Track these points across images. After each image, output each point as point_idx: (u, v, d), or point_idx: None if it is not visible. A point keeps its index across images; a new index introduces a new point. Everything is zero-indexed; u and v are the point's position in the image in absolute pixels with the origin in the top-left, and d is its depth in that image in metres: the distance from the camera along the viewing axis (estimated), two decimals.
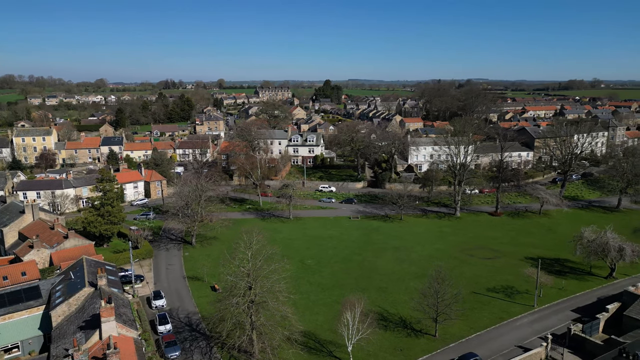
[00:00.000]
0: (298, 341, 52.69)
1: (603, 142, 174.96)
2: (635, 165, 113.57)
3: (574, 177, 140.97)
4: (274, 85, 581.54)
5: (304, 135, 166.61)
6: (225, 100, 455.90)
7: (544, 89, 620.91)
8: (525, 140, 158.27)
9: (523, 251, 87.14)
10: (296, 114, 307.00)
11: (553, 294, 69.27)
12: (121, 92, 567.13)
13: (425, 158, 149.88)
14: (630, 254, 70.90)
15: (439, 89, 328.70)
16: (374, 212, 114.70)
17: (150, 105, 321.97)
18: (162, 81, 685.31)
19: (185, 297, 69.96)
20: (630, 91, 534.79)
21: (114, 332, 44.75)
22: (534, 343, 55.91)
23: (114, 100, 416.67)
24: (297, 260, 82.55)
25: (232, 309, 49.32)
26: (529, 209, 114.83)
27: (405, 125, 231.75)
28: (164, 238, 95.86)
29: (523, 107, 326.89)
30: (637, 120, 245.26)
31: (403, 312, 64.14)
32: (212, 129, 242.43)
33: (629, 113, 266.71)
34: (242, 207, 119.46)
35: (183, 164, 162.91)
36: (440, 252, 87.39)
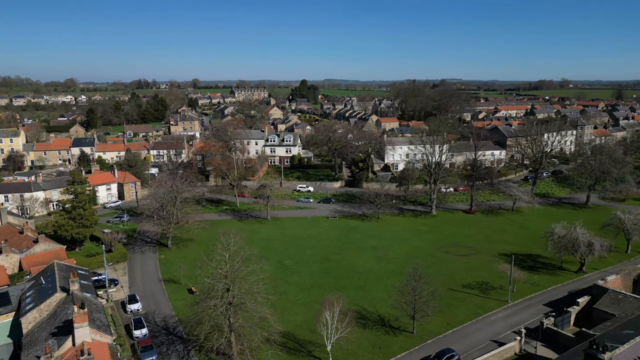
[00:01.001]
0: (277, 342, 52.51)
1: (572, 140, 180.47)
2: (602, 162, 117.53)
3: (544, 175, 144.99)
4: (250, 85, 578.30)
5: (281, 135, 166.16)
6: (200, 100, 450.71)
7: (515, 89, 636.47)
8: (498, 139, 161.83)
9: (497, 248, 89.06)
10: (273, 113, 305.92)
11: (526, 289, 71.03)
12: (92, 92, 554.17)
13: (401, 157, 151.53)
14: (598, 249, 73.28)
15: (414, 89, 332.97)
16: (351, 211, 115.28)
17: (122, 106, 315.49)
18: (135, 81, 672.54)
19: (161, 300, 68.80)
20: (597, 91, 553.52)
21: (87, 337, 43.64)
22: (508, 337, 57.20)
23: (84, 101, 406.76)
24: (276, 260, 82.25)
25: (210, 311, 48.76)
26: (502, 206, 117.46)
27: (382, 125, 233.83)
28: (138, 241, 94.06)
29: (495, 107, 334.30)
30: (604, 119, 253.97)
31: (381, 310, 64.70)
32: (187, 130, 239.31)
33: (596, 112, 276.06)
34: (218, 208, 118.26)
35: (157, 165, 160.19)
36: (417, 249, 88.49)
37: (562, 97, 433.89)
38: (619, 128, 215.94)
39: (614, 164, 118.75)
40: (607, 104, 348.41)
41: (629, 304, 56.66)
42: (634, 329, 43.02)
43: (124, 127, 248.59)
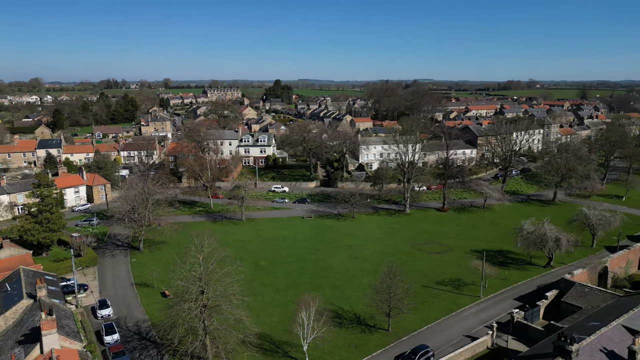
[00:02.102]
0: (253, 344, 52.12)
1: (539, 139, 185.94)
2: (568, 160, 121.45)
3: (513, 173, 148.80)
4: (223, 84, 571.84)
5: (255, 135, 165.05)
6: (172, 100, 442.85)
7: (484, 89, 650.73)
8: (469, 138, 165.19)
9: (469, 244, 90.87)
10: (246, 114, 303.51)
11: (497, 284, 72.75)
12: (58, 92, 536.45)
13: (375, 157, 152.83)
14: (565, 244, 75.70)
15: (387, 89, 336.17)
16: (327, 211, 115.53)
17: (91, 106, 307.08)
18: (104, 80, 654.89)
19: (133, 304, 67.32)
20: (563, 91, 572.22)
21: (56, 345, 42.31)
22: (481, 332, 58.47)
23: (50, 101, 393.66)
24: (251, 262, 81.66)
25: (184, 315, 48.00)
26: (474, 204, 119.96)
27: (356, 124, 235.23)
28: (109, 244, 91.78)
29: (466, 107, 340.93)
30: (569, 118, 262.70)
31: (357, 308, 65.08)
32: (159, 130, 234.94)
33: (562, 111, 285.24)
34: (192, 210, 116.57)
35: (128, 167, 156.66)
36: (391, 248, 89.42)
37: (530, 97, 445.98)
38: (584, 127, 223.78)
39: (579, 161, 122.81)
40: (572, 104, 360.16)
41: (594, 296, 58.78)
42: (599, 321, 44.63)
43: (92, 128, 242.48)
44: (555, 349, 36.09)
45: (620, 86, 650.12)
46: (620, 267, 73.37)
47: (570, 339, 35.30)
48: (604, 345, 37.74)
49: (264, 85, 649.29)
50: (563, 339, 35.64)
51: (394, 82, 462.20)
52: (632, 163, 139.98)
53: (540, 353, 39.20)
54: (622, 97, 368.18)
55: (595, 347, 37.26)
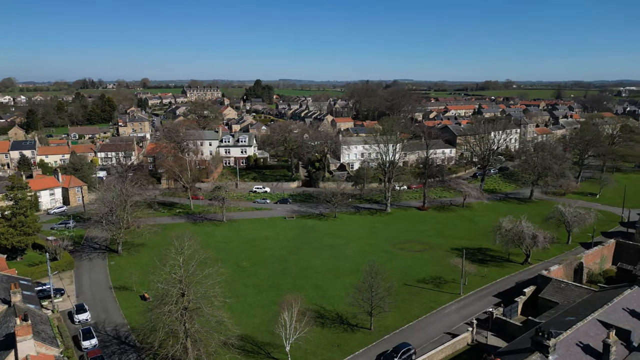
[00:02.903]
0: (235, 345, 51.68)
1: (516, 138, 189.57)
2: (544, 159, 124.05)
3: (492, 172, 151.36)
4: (203, 84, 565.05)
5: (236, 135, 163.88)
6: (151, 101, 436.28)
7: (463, 89, 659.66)
8: (448, 138, 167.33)
9: (449, 242, 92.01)
10: (227, 114, 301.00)
11: (477, 281, 73.85)
12: (32, 92, 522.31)
13: (356, 157, 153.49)
14: (542, 241, 77.31)
15: (367, 90, 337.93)
16: (309, 211, 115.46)
17: (66, 106, 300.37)
18: (80, 80, 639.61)
19: (112, 308, 66.09)
20: (538, 91, 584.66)
21: (31, 351, 41.20)
22: (461, 329, 59.26)
23: (24, 101, 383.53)
24: (232, 263, 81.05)
25: (164, 318, 47.29)
26: (453, 203, 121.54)
27: (337, 125, 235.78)
28: (86, 247, 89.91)
29: (445, 107, 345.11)
30: (545, 118, 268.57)
31: (339, 308, 65.22)
32: (137, 131, 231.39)
33: (537, 111, 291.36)
34: (171, 211, 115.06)
35: (105, 168, 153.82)
36: (373, 247, 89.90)
37: (507, 97, 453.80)
38: (559, 126, 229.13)
39: (555, 160, 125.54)
40: (547, 104, 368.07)
41: (570, 292, 60.18)
42: (575, 316, 45.72)
43: (68, 129, 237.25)
44: (533, 344, 36.81)
45: (594, 86, 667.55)
46: (595, 262, 75.30)
47: (547, 334, 36.02)
48: (580, 339, 38.65)
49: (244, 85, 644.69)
50: (541, 334, 36.35)
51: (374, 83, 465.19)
52: (606, 161, 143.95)
53: (519, 348, 39.92)
54: (595, 97, 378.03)
55: (571, 342, 38.13)
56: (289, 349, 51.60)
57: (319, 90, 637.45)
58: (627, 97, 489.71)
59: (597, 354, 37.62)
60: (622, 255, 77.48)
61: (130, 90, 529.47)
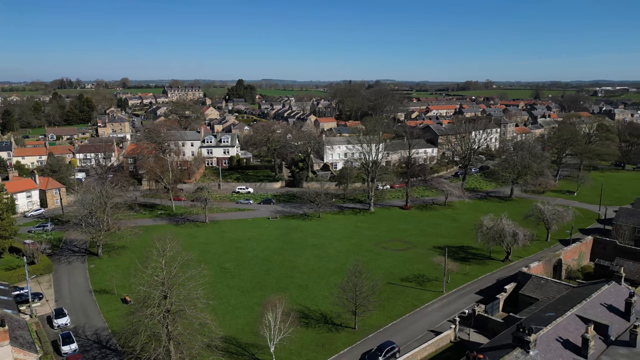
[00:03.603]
0: (219, 347, 51.28)
1: (496, 137, 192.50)
2: (523, 158, 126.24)
3: (473, 171, 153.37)
4: (184, 84, 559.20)
5: (218, 135, 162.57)
6: (131, 101, 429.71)
7: (444, 89, 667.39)
8: (430, 138, 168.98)
9: (431, 241, 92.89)
10: (209, 114, 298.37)
11: (459, 279, 74.72)
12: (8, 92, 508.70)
13: (340, 157, 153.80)
14: (522, 238, 78.60)
15: (350, 90, 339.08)
16: (292, 211, 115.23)
17: (43, 107, 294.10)
18: (57, 80, 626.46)
19: (92, 312, 64.87)
20: (517, 91, 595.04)
21: (9, 357, 40.22)
22: (444, 326, 59.88)
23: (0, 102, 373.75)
24: (216, 264, 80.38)
25: (146, 321, 46.63)
26: (436, 202, 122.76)
27: (320, 125, 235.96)
28: (65, 251, 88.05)
29: (427, 107, 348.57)
30: (524, 118, 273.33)
31: (324, 307, 65.24)
32: (117, 131, 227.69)
33: (517, 111, 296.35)
34: (153, 213, 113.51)
35: (85, 170, 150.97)
36: (357, 246, 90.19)
37: (487, 97, 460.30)
38: (537, 125, 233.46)
39: (534, 159, 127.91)
40: (526, 103, 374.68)
41: (550, 288, 61.35)
42: (555, 312, 46.61)
43: (45, 130, 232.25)
44: (515, 339, 37.37)
45: (571, 86, 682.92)
46: (573, 259, 76.95)
47: (528, 329, 36.61)
48: (559, 334, 39.41)
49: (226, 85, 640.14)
50: (521, 330, 36.93)
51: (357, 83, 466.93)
52: (583, 160, 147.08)
53: (501, 344, 40.49)
54: (572, 97, 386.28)
55: (551, 337, 38.85)
56: (273, 350, 51.42)
57: (301, 90, 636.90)
58: (603, 97, 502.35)
59: (577, 349, 38.41)
60: (599, 251, 79.41)
61: (109, 90, 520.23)
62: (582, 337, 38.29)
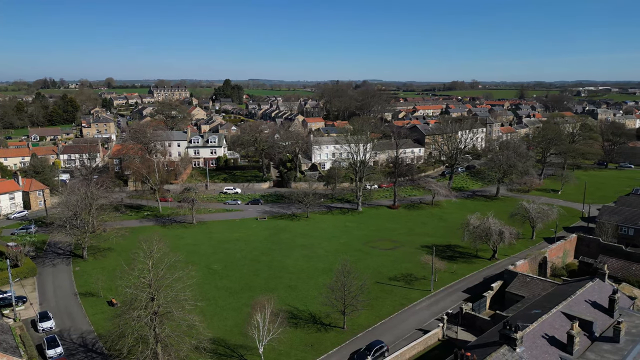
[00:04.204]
0: (207, 349, 50.92)
1: (482, 137, 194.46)
2: (509, 157, 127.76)
3: (459, 170, 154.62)
4: (170, 84, 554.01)
5: (205, 136, 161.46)
6: (116, 101, 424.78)
7: (431, 90, 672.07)
8: (417, 137, 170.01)
9: (419, 240, 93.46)
10: (195, 114, 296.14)
11: (446, 277, 75.31)
12: None
13: (328, 157, 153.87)
14: (508, 237, 79.55)
15: (337, 90, 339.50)
16: (280, 211, 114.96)
17: (26, 107, 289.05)
18: (40, 80, 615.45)
19: (77, 315, 63.94)
20: (503, 91, 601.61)
21: None
22: (432, 325, 60.30)
23: None
24: (203, 266, 79.82)
25: (133, 323, 46.10)
26: (423, 201, 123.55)
27: (308, 125, 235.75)
28: (49, 253, 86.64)
29: (414, 107, 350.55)
30: (509, 117, 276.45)
31: (312, 308, 65.21)
32: (102, 132, 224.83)
33: (502, 111, 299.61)
34: (139, 214, 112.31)
35: (69, 171, 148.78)
36: (345, 246, 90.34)
37: (473, 97, 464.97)
38: (522, 125, 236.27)
39: (519, 158, 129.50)
40: (511, 103, 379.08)
41: (535, 285, 62.18)
42: (540, 309, 47.23)
43: (28, 130, 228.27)
44: (502, 337, 37.80)
45: (555, 87, 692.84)
46: (558, 257, 78.12)
47: (514, 327, 37.04)
48: (545, 331, 39.95)
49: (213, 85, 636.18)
50: (508, 327, 37.35)
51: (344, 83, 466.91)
52: (567, 159, 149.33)
53: (488, 342, 40.91)
54: (556, 97, 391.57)
55: (537, 334, 39.37)
56: (262, 351, 51.24)
57: (289, 90, 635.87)
58: (586, 97, 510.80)
59: (562, 345, 38.98)
60: (583, 249, 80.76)
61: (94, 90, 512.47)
62: (567, 334, 38.87)
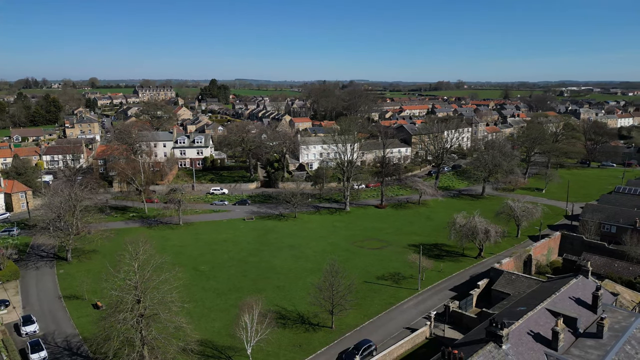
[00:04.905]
0: (194, 351, 50.54)
1: (468, 137, 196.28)
2: (494, 156, 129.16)
3: (445, 169, 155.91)
4: (155, 84, 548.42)
5: (192, 136, 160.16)
6: (100, 101, 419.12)
7: (417, 90, 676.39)
8: (403, 137, 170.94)
9: (406, 239, 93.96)
10: (181, 114, 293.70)
11: (433, 276, 75.87)
12: None
13: (315, 156, 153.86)
14: (494, 235, 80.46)
15: (324, 90, 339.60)
16: (268, 212, 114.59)
17: (7, 107, 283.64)
18: (22, 80, 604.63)
19: (62, 319, 62.92)
20: (488, 91, 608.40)
21: None
22: (420, 323, 60.65)
23: None
24: (190, 267, 79.18)
25: (119, 326, 45.55)
26: (410, 200, 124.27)
27: (295, 125, 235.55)
28: (32, 256, 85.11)
29: (400, 107, 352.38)
30: (494, 117, 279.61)
31: (301, 308, 65.14)
32: (86, 132, 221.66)
33: (487, 111, 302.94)
34: (125, 215, 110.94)
35: (52, 172, 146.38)
36: (333, 246, 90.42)
37: (459, 97, 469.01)
38: (507, 125, 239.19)
39: (504, 157, 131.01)
40: (496, 103, 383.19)
41: (521, 283, 62.98)
42: (525, 306, 47.83)
43: (9, 131, 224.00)
44: (488, 334, 38.17)
45: (538, 87, 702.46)
46: (543, 254, 79.22)
47: (500, 324, 37.44)
48: (530, 328, 40.47)
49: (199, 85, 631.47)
50: (494, 324, 37.73)
51: (331, 83, 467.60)
52: (550, 158, 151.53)
53: (475, 339, 41.29)
54: (540, 97, 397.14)
55: (523, 331, 39.87)
56: (250, 352, 51.06)
57: (276, 90, 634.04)
58: (568, 97, 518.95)
59: (547, 342, 39.53)
60: (567, 246, 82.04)
61: (77, 90, 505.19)
62: (552, 330, 39.43)
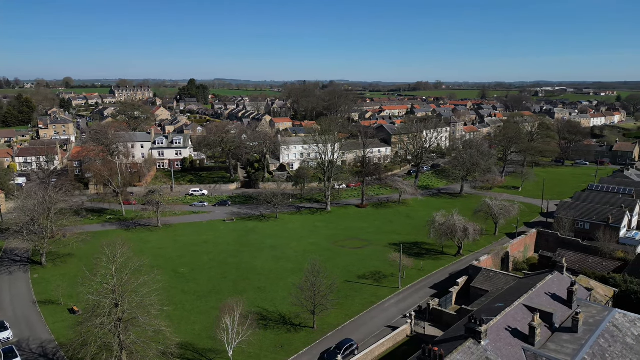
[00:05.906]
0: (174, 354, 49.86)
1: (446, 136, 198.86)
2: (472, 156, 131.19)
3: (425, 169, 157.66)
4: (132, 84, 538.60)
5: (170, 137, 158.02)
6: (75, 101, 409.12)
7: (396, 90, 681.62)
8: (383, 137, 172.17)
9: (387, 238, 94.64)
10: (159, 114, 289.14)
11: (414, 274, 76.63)
12: None
13: (296, 157, 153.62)
14: (472, 233, 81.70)
15: (304, 90, 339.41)
16: (249, 212, 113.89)
17: None
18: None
19: (37, 324, 61.28)
20: (465, 91, 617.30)
21: None
22: (401, 321, 61.19)
23: None
24: (170, 269, 78.09)
25: (96, 331, 44.64)
26: (390, 199, 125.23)
27: (275, 125, 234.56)
28: (5, 260, 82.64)
29: (380, 107, 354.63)
30: (472, 117, 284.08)
31: (282, 308, 64.95)
32: (60, 133, 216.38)
33: (465, 111, 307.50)
34: (101, 218, 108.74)
35: (25, 174, 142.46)
36: (314, 246, 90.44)
37: (437, 97, 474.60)
38: (484, 124, 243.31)
39: (482, 156, 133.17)
40: (474, 103, 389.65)
41: (498, 280, 64.16)
42: (503, 302, 48.73)
43: None
44: (467, 331, 38.72)
45: (514, 87, 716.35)
46: (520, 251, 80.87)
47: (479, 320, 38.01)
48: (508, 324, 41.23)
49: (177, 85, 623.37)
50: (473, 321, 38.29)
51: (311, 83, 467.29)
52: (526, 157, 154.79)
53: (454, 336, 41.84)
54: (516, 97, 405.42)
55: (501, 327, 40.58)
56: (231, 354, 50.67)
57: (256, 90, 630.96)
58: (543, 97, 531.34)
59: (524, 337, 40.34)
60: (543, 243, 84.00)
61: (51, 90, 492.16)
62: (529, 326, 40.25)
